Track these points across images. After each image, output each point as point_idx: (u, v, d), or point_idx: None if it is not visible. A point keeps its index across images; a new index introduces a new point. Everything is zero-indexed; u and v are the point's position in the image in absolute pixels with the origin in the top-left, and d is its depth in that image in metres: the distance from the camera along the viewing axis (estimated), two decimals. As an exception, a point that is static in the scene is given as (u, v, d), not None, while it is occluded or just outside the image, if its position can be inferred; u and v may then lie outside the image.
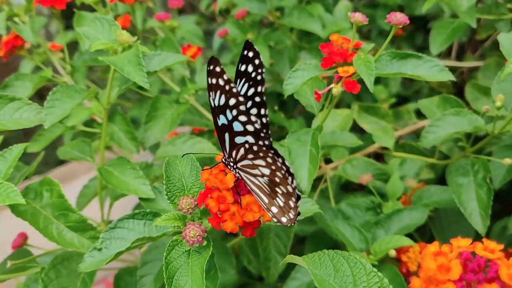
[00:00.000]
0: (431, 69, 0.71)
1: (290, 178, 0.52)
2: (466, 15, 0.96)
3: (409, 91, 1.39)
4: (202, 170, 0.55)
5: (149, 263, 0.73)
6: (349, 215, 0.92)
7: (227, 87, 0.50)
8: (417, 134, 1.17)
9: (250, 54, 0.55)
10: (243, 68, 0.55)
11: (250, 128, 0.52)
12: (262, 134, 0.53)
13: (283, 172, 0.51)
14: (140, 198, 0.70)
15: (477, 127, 0.77)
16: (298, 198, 0.53)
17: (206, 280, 0.57)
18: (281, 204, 0.52)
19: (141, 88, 1.35)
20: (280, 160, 0.51)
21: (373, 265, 0.75)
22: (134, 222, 0.60)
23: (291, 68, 1.21)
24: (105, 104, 0.74)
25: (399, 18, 0.67)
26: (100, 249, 0.58)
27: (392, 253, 0.76)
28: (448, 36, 1.04)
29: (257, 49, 0.55)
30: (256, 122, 0.51)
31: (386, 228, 0.84)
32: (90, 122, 0.99)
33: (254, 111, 0.56)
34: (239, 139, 0.53)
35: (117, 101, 1.31)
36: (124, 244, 0.58)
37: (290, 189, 0.52)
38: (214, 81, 0.50)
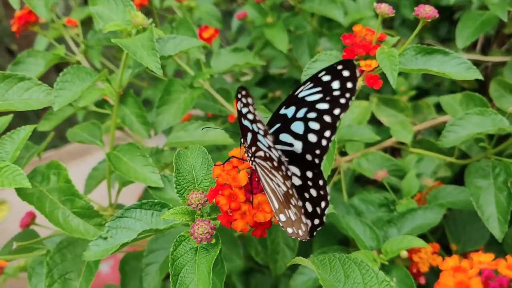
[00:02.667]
0: (457, 66, 0.68)
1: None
2: (497, 7, 0.91)
3: (430, 84, 1.35)
4: (214, 165, 0.53)
5: (155, 252, 0.72)
6: (362, 210, 0.90)
7: (253, 126, 0.46)
8: (436, 129, 1.14)
9: (345, 73, 0.48)
10: (326, 78, 0.49)
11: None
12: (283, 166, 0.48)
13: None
14: (149, 187, 0.68)
15: (502, 129, 0.74)
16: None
17: (212, 274, 0.56)
18: (293, 217, 0.50)
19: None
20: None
21: (384, 265, 0.74)
22: (142, 212, 0.58)
23: (310, 54, 1.18)
24: (117, 88, 0.71)
25: (428, 12, 0.64)
26: (105, 238, 0.57)
27: (404, 253, 0.74)
28: (476, 29, 0.99)
29: (356, 73, 0.48)
30: (272, 154, 0.47)
31: (399, 227, 0.81)
32: (102, 103, 0.97)
33: (315, 125, 0.50)
34: (261, 145, 0.49)
35: (131, 80, 1.30)
36: (131, 235, 0.56)
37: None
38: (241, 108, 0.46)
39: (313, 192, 0.52)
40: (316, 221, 0.53)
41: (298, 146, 0.51)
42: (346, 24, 1.09)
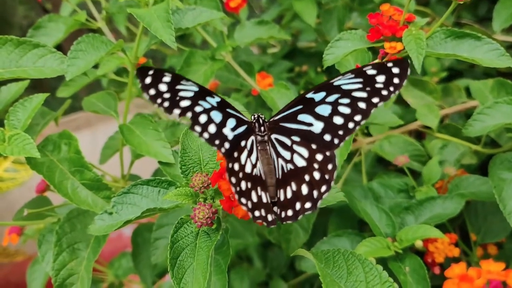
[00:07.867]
0: (489, 52, 0.64)
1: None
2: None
3: (464, 65, 1.28)
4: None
5: (164, 227, 0.71)
6: (380, 195, 0.88)
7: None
8: (466, 113, 1.09)
9: (395, 70, 0.50)
10: (371, 72, 0.51)
11: None
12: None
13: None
14: (160, 162, 0.67)
15: (532, 121, 0.70)
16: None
17: (217, 255, 0.55)
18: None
19: (181, 36, 1.31)
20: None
21: (397, 253, 0.72)
22: (148, 189, 0.57)
23: (339, 29, 1.14)
24: (133, 59, 0.70)
25: (460, -7, 0.60)
26: (111, 213, 0.56)
27: (419, 244, 0.72)
28: (515, 11, 0.93)
29: (408, 73, 0.50)
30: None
31: (417, 215, 0.79)
32: (123, 71, 0.96)
33: (346, 110, 0.51)
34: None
35: (156, 47, 1.28)
36: (136, 211, 0.55)
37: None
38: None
39: (316, 175, 0.51)
40: (308, 205, 0.50)
41: (318, 126, 0.52)
42: (377, 0, 1.05)
